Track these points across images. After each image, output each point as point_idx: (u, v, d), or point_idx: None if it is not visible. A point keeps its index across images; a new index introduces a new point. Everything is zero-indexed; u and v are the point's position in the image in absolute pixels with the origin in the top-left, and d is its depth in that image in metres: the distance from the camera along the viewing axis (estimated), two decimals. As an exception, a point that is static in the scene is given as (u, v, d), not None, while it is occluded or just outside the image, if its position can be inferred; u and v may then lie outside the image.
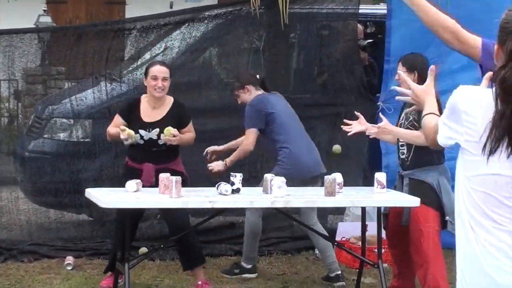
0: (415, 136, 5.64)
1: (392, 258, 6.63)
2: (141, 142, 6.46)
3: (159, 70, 6.21)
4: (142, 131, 6.45)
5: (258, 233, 7.20)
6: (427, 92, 3.06)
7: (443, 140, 2.64)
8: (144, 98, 6.47)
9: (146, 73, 6.34)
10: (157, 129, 6.41)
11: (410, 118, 6.33)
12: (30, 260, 7.54)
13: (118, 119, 6.45)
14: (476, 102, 2.46)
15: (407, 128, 6.32)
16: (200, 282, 6.64)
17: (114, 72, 8.17)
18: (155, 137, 6.41)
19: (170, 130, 6.20)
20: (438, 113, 2.90)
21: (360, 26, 8.57)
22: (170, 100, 6.51)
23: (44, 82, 9.45)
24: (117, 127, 6.31)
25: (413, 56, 6.51)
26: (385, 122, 5.89)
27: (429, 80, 3.12)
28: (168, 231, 7.00)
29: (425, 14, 3.69)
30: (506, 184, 2.41)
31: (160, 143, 6.49)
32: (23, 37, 7.98)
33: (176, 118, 6.49)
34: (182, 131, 6.51)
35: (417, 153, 6.11)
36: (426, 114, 2.93)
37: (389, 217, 6.52)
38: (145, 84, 6.34)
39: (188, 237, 6.66)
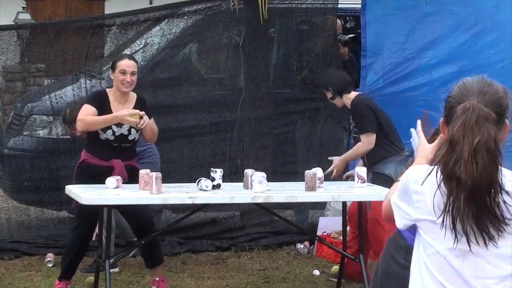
0: (358, 150, 6.17)
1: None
2: (112, 138, 6.35)
3: (127, 64, 6.06)
4: (114, 127, 6.35)
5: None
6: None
7: (401, 224, 2.67)
8: (109, 92, 6.33)
9: (113, 67, 6.15)
10: (128, 125, 6.41)
11: (352, 125, 7.13)
12: (10, 258, 7.51)
13: (89, 108, 6.11)
14: (425, 181, 2.51)
15: (354, 136, 7.01)
16: (157, 278, 6.70)
17: (94, 69, 8.26)
18: (126, 133, 6.37)
19: (133, 112, 5.97)
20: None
21: (339, 21, 8.69)
22: (133, 95, 6.44)
23: (24, 80, 9.52)
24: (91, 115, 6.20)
25: (324, 76, 7.12)
26: (334, 160, 6.25)
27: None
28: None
29: None
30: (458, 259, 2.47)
31: (130, 139, 6.43)
32: (1, 34, 8.06)
33: None
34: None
35: (370, 152, 6.57)
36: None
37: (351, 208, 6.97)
38: (112, 78, 6.15)
39: (152, 238, 6.90)
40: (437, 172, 2.46)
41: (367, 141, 6.77)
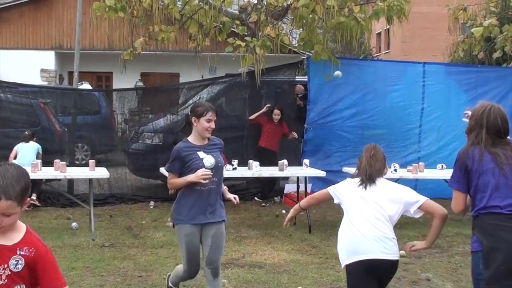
0: None
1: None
2: None
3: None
4: None
5: None
6: None
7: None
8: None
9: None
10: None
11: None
12: (131, 203, 9.83)
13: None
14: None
15: None
16: None
17: (174, 110, 10.67)
18: None
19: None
20: None
21: (302, 86, 10.98)
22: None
23: (139, 115, 11.34)
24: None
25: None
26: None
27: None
28: None
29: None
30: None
31: None
32: (129, 92, 10.89)
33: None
34: None
35: None
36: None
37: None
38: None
39: None
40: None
41: None
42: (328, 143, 10.58)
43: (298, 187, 9.22)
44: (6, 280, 2.48)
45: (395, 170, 8.68)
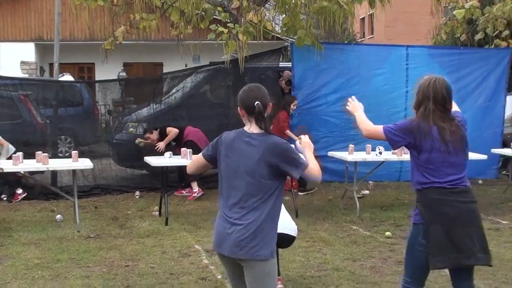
0: None
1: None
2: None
3: None
4: None
5: None
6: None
7: None
8: None
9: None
10: None
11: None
12: (116, 194, 10.13)
13: None
14: None
15: None
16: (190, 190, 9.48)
17: (157, 99, 10.83)
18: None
19: None
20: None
21: (289, 72, 11.18)
22: None
23: (123, 105, 11.75)
24: None
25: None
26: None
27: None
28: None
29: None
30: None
31: None
32: (111, 83, 11.03)
33: None
34: None
35: None
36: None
37: None
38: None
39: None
40: None
41: None
42: (314, 129, 10.66)
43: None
44: None
45: (380, 153, 8.77)
